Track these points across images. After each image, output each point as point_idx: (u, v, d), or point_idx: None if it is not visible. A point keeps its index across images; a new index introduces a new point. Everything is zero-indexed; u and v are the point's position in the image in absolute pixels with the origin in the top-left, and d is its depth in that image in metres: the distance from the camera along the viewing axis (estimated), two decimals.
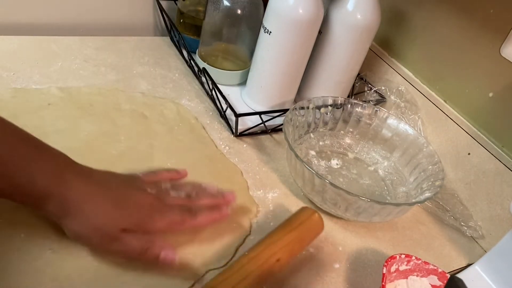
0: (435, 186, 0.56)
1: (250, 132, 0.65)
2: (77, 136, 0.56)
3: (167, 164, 0.56)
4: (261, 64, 0.65)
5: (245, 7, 0.67)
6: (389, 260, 0.45)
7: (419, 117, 0.70)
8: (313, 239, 0.50)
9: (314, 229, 0.50)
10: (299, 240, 0.47)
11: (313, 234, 0.50)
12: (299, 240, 0.47)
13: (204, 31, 0.71)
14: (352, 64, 0.68)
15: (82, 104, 0.61)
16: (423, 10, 0.70)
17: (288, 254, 0.46)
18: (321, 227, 0.50)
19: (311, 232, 0.49)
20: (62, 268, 0.42)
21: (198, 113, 0.66)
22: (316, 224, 0.49)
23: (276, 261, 0.44)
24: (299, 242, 0.48)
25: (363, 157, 0.67)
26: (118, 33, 0.80)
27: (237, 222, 0.52)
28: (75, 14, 0.78)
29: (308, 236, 0.49)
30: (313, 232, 0.50)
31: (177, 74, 0.73)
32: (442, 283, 0.47)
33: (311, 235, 0.49)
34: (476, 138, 0.62)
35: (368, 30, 0.64)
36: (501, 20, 0.59)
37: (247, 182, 0.58)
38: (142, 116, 0.62)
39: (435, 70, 0.69)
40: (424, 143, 0.62)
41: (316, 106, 0.64)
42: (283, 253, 0.45)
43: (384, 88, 0.74)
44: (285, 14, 0.59)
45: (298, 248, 0.48)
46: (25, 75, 0.63)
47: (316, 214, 0.49)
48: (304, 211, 0.50)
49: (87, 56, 0.71)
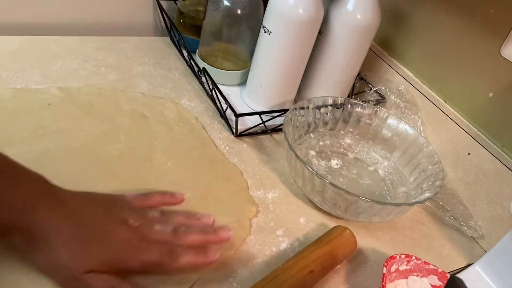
0: (435, 186, 0.56)
1: (250, 132, 0.65)
2: (77, 136, 0.56)
3: (167, 164, 0.56)
4: (261, 64, 0.65)
5: (245, 7, 0.67)
6: (389, 260, 0.45)
7: (419, 117, 0.70)
8: (347, 253, 0.50)
9: (346, 242, 0.50)
10: (331, 253, 0.48)
11: (345, 247, 0.50)
12: (331, 253, 0.48)
13: (204, 31, 0.71)
14: (352, 64, 0.68)
15: (82, 104, 0.61)
16: (423, 10, 0.70)
17: (321, 266, 0.46)
18: (353, 242, 0.51)
19: (343, 246, 0.50)
20: None
21: (198, 113, 0.66)
22: (347, 239, 0.50)
23: (310, 272, 0.45)
24: (331, 256, 0.48)
25: (363, 157, 0.67)
26: (118, 33, 0.80)
27: (237, 222, 0.52)
28: (75, 14, 0.78)
29: (340, 249, 0.49)
30: (345, 245, 0.50)
31: (177, 74, 0.73)
32: (442, 283, 0.47)
33: (343, 249, 0.50)
34: (476, 138, 0.62)
35: (368, 30, 0.64)
36: (501, 20, 0.59)
37: (247, 182, 0.58)
38: (142, 116, 0.62)
39: (435, 70, 0.69)
40: (424, 143, 0.62)
41: (316, 106, 0.64)
42: (316, 266, 0.46)
43: (384, 88, 0.74)
44: (285, 14, 0.59)
45: (330, 261, 0.48)
46: (25, 75, 0.63)
47: (347, 230, 0.51)
48: (336, 228, 0.51)
49: (87, 56, 0.71)
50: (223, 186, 0.56)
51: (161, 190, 0.48)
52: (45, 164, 0.51)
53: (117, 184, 0.51)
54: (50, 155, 0.52)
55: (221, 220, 0.51)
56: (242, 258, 0.48)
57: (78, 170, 0.51)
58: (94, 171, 0.52)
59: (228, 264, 0.47)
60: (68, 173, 0.51)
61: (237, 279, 0.46)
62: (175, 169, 0.56)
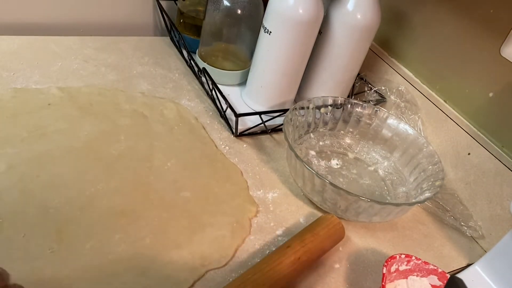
0: (435, 186, 0.56)
1: (250, 132, 0.65)
2: (77, 136, 0.56)
3: (167, 164, 0.56)
4: (261, 64, 0.65)
5: (245, 7, 0.67)
6: (389, 260, 0.45)
7: (419, 117, 0.70)
8: (333, 237, 0.50)
9: (325, 222, 0.51)
10: (310, 230, 0.49)
11: (325, 225, 0.50)
12: (310, 230, 0.49)
13: (204, 31, 0.71)
14: (352, 64, 0.68)
15: (82, 104, 0.61)
16: (423, 10, 0.70)
17: (299, 240, 0.47)
18: (340, 227, 0.51)
19: (321, 224, 0.50)
20: (62, 268, 0.42)
21: (198, 113, 0.66)
22: (333, 224, 0.51)
23: (287, 247, 0.46)
24: (310, 231, 0.49)
25: (363, 157, 0.67)
26: (118, 33, 0.80)
27: (237, 222, 0.52)
28: (75, 14, 0.78)
29: (318, 227, 0.50)
30: (325, 224, 0.50)
31: (177, 74, 0.73)
32: (442, 283, 0.47)
33: (322, 226, 0.50)
34: (476, 138, 0.62)
35: (368, 30, 0.64)
36: (501, 20, 0.59)
37: (247, 182, 0.58)
38: (142, 116, 0.62)
39: (435, 70, 0.69)
40: (424, 143, 0.62)
41: (316, 106, 0.64)
42: (292, 241, 0.47)
43: (384, 88, 0.74)
44: (285, 14, 0.59)
45: (310, 236, 0.48)
46: (25, 75, 0.63)
47: (333, 217, 0.51)
48: (323, 216, 0.52)
49: (87, 56, 0.71)
50: (223, 186, 0.56)
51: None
52: (45, 164, 0.51)
53: (117, 184, 0.51)
54: (50, 155, 0.52)
55: (221, 220, 0.51)
56: (242, 258, 0.48)
57: (78, 170, 0.52)
58: (94, 171, 0.52)
59: (228, 263, 0.47)
60: (68, 173, 0.51)
61: None
62: (175, 169, 0.56)
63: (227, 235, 0.50)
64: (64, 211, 0.47)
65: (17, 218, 0.45)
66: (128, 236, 0.46)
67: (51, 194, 0.48)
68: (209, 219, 0.51)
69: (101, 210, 0.48)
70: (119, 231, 0.47)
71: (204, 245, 0.48)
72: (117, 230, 0.47)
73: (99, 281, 0.42)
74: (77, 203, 0.48)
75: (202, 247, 0.48)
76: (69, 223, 0.46)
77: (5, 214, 0.45)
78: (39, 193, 0.48)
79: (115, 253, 0.45)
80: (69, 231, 0.45)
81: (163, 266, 0.45)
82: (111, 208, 0.49)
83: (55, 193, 0.48)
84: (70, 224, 0.46)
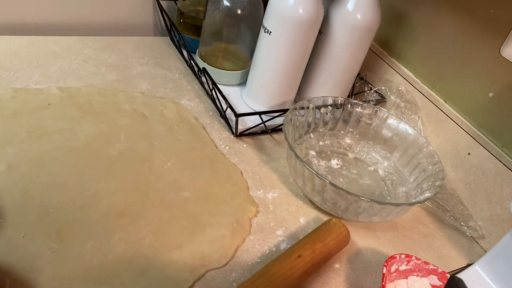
0: (435, 186, 0.56)
1: (250, 132, 0.65)
2: (77, 136, 0.56)
3: (167, 164, 0.56)
4: (261, 64, 0.65)
5: (245, 7, 0.67)
6: (389, 260, 0.45)
7: (419, 117, 0.70)
8: (340, 247, 0.51)
9: (335, 231, 0.50)
10: (318, 237, 0.49)
11: (335, 235, 0.50)
12: (318, 237, 0.49)
13: (204, 31, 0.71)
14: (352, 64, 0.68)
15: (82, 104, 0.61)
16: (423, 10, 0.70)
17: (309, 251, 0.47)
18: (347, 236, 0.51)
19: (331, 233, 0.50)
20: (62, 268, 0.42)
21: (198, 113, 0.66)
22: (337, 228, 0.51)
23: (298, 257, 0.46)
24: (319, 239, 0.48)
25: (363, 157, 0.67)
26: (118, 33, 0.80)
27: (237, 222, 0.52)
28: (75, 14, 0.78)
29: (327, 232, 0.50)
30: (335, 233, 0.50)
31: (177, 74, 0.73)
32: (442, 283, 0.47)
33: (332, 235, 0.50)
34: (476, 138, 0.62)
35: (368, 30, 0.64)
36: (501, 20, 0.59)
37: (247, 182, 0.58)
38: (142, 116, 0.62)
39: (435, 70, 0.69)
40: (424, 143, 0.62)
41: (316, 106, 0.64)
42: (303, 251, 0.47)
43: (384, 88, 0.74)
44: (285, 14, 0.59)
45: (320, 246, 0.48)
46: (25, 75, 0.63)
47: (343, 226, 0.51)
48: (333, 223, 0.51)
49: (87, 56, 0.71)
50: (223, 186, 0.56)
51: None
52: (45, 164, 0.51)
53: (117, 184, 0.51)
54: (50, 155, 0.52)
55: (221, 220, 0.51)
56: (242, 258, 0.48)
57: (78, 170, 0.52)
58: (94, 171, 0.52)
59: (228, 263, 0.47)
60: (68, 173, 0.51)
61: (237, 279, 0.46)
62: (175, 169, 0.56)
63: (227, 235, 0.50)
64: (64, 211, 0.47)
65: (17, 218, 0.45)
66: (128, 236, 0.46)
67: (51, 194, 0.48)
68: (209, 219, 0.51)
69: (101, 210, 0.48)
70: (119, 231, 0.47)
71: (204, 245, 0.48)
72: (117, 230, 0.47)
73: (99, 281, 0.42)
74: (77, 203, 0.48)
75: (202, 247, 0.48)
76: (69, 223, 0.46)
77: (5, 214, 0.45)
78: (39, 193, 0.48)
79: (115, 253, 0.45)
80: (69, 231, 0.45)
81: (163, 266, 0.45)
82: (111, 208, 0.49)
83: (55, 193, 0.48)
84: (70, 224, 0.46)
